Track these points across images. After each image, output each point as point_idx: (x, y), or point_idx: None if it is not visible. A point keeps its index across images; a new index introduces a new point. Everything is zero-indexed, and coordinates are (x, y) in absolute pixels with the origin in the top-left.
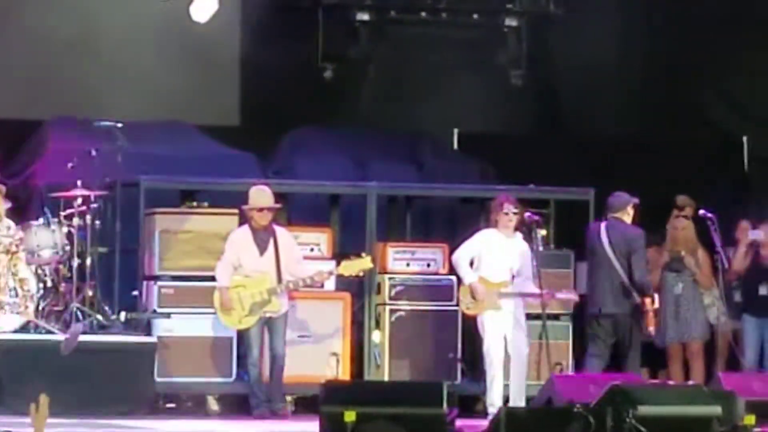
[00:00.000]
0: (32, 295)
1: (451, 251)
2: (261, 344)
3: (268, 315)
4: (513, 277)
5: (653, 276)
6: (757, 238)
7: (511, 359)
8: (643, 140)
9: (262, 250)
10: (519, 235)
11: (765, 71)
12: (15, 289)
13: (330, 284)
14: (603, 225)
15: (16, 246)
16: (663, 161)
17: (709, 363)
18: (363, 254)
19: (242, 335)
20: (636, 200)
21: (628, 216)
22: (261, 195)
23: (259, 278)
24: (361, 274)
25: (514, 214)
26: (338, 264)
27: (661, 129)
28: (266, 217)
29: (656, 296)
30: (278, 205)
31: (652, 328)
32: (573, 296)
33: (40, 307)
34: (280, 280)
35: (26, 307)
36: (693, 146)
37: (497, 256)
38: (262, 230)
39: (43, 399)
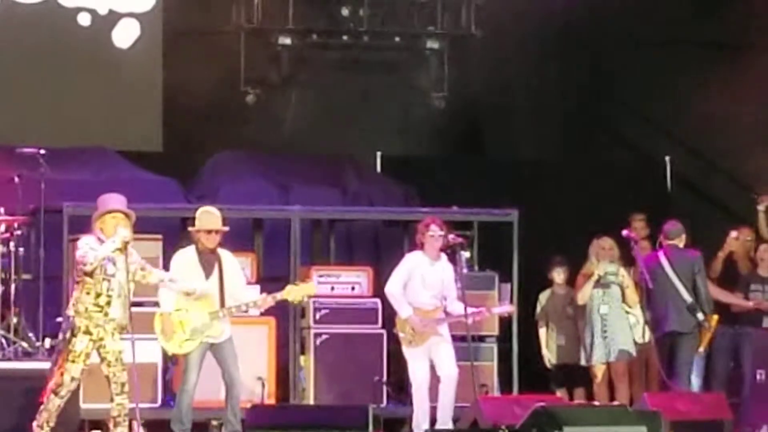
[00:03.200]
0: None
1: (375, 274)
2: (199, 370)
3: (210, 341)
4: (444, 299)
5: (579, 295)
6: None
7: (441, 381)
8: (565, 162)
9: (208, 273)
10: (444, 257)
11: (684, 92)
12: None
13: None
14: (661, 252)
15: None
16: (585, 183)
17: (632, 383)
18: (308, 279)
19: (180, 360)
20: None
21: (682, 242)
22: (210, 217)
23: (201, 302)
24: (306, 299)
25: (441, 235)
26: (283, 288)
27: (582, 150)
28: (214, 239)
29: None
30: (226, 228)
31: (702, 348)
32: (509, 308)
33: None
34: (222, 304)
35: None
36: (614, 168)
37: (426, 281)
38: (208, 253)
39: None
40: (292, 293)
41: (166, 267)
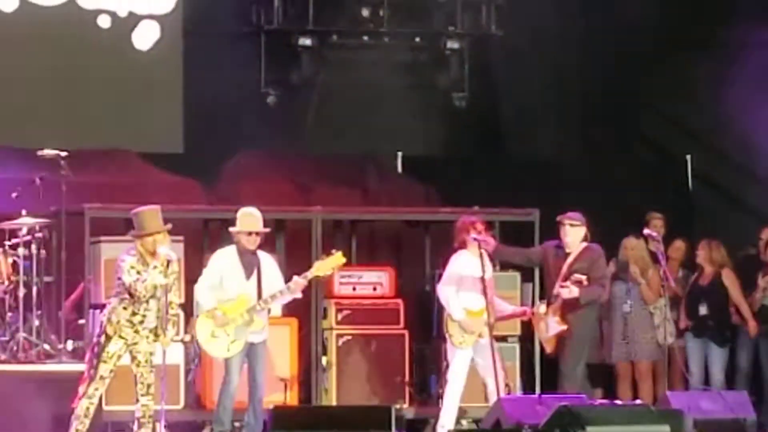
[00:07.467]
0: None
1: (397, 274)
2: (240, 370)
3: (252, 339)
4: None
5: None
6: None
7: (487, 386)
8: (586, 161)
9: (248, 274)
10: (485, 255)
11: (703, 89)
12: None
13: (276, 309)
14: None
15: None
16: (606, 182)
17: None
18: (333, 251)
19: (206, 360)
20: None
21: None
22: (250, 219)
23: (237, 301)
24: (336, 270)
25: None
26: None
27: (603, 149)
28: (254, 241)
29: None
30: (267, 229)
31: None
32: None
33: None
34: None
35: None
36: (635, 167)
37: (473, 280)
38: (249, 254)
39: None
40: (321, 268)
41: (188, 268)
